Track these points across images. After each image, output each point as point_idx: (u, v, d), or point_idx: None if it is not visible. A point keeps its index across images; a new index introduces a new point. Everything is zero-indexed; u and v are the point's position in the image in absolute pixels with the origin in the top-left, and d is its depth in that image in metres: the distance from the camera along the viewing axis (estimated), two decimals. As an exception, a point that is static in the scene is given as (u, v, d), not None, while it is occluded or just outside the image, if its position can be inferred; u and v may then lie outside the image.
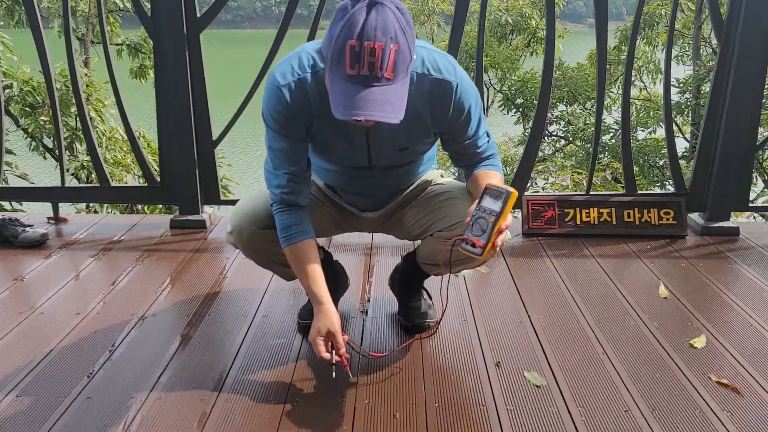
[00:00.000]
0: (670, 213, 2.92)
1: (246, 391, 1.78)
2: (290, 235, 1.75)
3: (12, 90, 7.05)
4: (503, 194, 1.58)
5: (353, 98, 1.40)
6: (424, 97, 1.67)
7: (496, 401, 1.74)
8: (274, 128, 1.67)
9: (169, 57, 2.78)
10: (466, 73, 1.74)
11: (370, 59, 1.37)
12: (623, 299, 2.32)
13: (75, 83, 2.91)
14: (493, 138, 1.91)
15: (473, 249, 1.56)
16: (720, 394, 1.77)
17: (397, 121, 1.43)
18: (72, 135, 7.13)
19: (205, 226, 3.00)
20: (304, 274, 1.77)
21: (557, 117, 9.54)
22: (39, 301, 2.31)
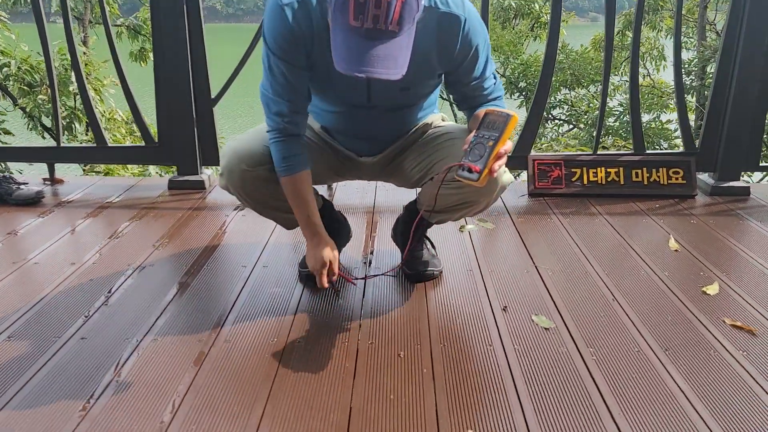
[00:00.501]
0: (679, 173, 2.85)
1: (245, 333, 1.72)
2: (289, 165, 1.70)
3: (10, 68, 6.97)
4: (503, 117, 1.51)
5: (355, 52, 1.34)
6: (430, 33, 1.60)
7: (503, 341, 1.68)
8: (274, 50, 1.60)
9: (167, 10, 2.71)
10: (475, 9, 1.67)
11: (375, 11, 1.31)
12: (632, 252, 2.26)
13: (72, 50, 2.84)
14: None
15: (470, 174, 1.47)
16: (735, 336, 1.71)
17: (399, 77, 1.37)
18: (71, 114, 7.06)
19: (204, 187, 2.94)
20: (302, 205, 1.74)
21: (560, 101, 9.46)
22: (33, 252, 2.25)
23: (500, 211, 2.68)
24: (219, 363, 1.58)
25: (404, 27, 1.36)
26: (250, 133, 1.83)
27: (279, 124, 1.68)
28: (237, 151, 1.77)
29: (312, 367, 1.57)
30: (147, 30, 8.85)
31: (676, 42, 2.89)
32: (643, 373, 1.54)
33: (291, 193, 1.73)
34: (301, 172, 1.71)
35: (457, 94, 1.82)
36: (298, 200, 1.74)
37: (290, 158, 1.70)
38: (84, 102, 2.89)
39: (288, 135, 1.70)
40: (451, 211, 1.86)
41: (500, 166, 1.50)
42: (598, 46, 10.12)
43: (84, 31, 8.55)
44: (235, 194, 1.84)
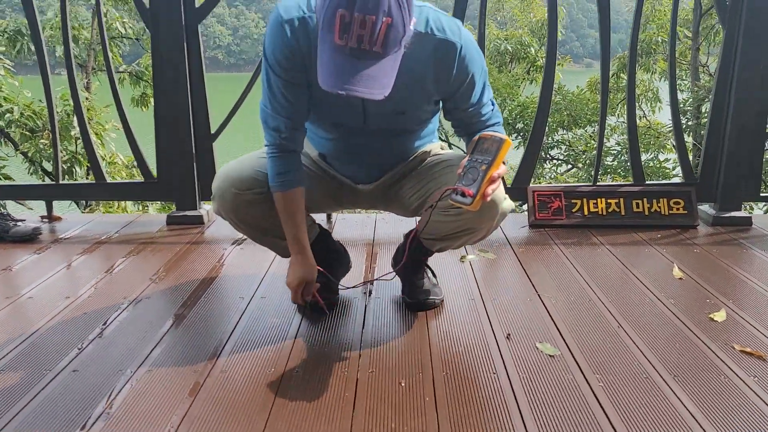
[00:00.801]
0: (680, 203, 2.84)
1: (242, 363, 1.68)
2: (283, 181, 1.70)
3: (13, 114, 7.04)
4: (496, 142, 1.51)
5: (339, 70, 1.34)
6: (426, 59, 1.60)
7: (507, 369, 1.63)
8: (273, 66, 1.61)
9: (167, 48, 2.73)
10: (472, 37, 1.68)
11: (359, 31, 1.30)
12: (636, 280, 2.23)
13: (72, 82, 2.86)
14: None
15: (463, 199, 1.47)
16: (745, 362, 1.67)
17: (381, 97, 1.37)
18: (72, 159, 7.10)
19: (202, 222, 2.92)
20: (291, 222, 1.74)
21: (558, 141, 9.52)
22: (27, 288, 2.22)
23: (501, 242, 2.65)
24: (214, 393, 1.53)
25: (389, 49, 1.35)
26: (243, 158, 1.83)
27: (276, 139, 1.68)
28: (228, 175, 1.77)
29: (310, 397, 1.52)
30: (148, 76, 8.99)
31: (671, 58, 2.91)
32: (652, 399, 1.49)
33: (282, 210, 1.73)
34: (293, 189, 1.72)
35: (454, 120, 1.81)
36: (288, 217, 1.74)
37: (284, 174, 1.70)
38: (83, 135, 2.89)
39: (284, 151, 1.70)
40: (451, 239, 1.83)
41: (493, 190, 1.49)
42: (593, 87, 10.25)
43: (87, 77, 8.67)
44: (227, 219, 1.83)
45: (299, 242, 1.77)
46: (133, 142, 2.91)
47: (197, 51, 2.76)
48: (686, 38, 11.00)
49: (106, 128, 7.29)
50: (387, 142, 1.83)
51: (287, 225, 1.76)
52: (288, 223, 1.75)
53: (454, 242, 1.86)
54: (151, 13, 2.72)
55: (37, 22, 2.77)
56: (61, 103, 7.02)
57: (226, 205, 1.78)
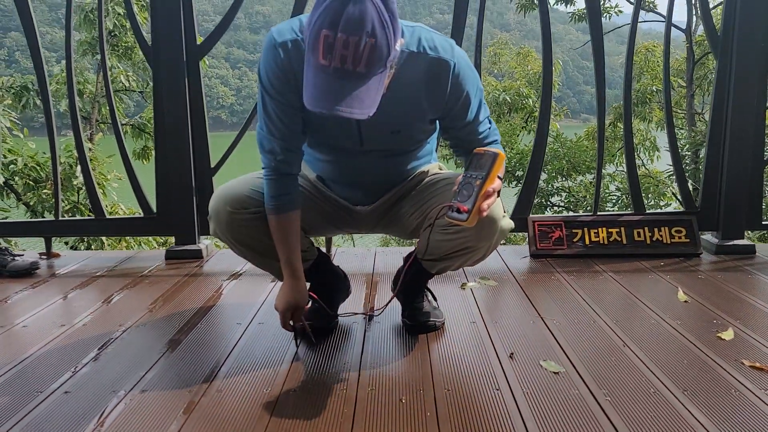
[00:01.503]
0: (681, 231, 2.82)
1: (239, 382, 1.64)
2: (277, 204, 1.69)
3: (17, 165, 7.11)
4: (490, 156, 1.50)
5: (322, 90, 1.35)
6: (419, 77, 1.61)
7: (511, 385, 1.59)
8: (268, 88, 1.61)
9: (168, 83, 2.77)
10: (466, 55, 1.69)
11: (342, 52, 1.31)
12: (641, 303, 2.19)
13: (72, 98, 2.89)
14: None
15: (458, 215, 1.45)
16: (755, 376, 1.62)
17: (365, 117, 1.37)
18: (73, 209, 7.12)
19: (201, 256, 2.90)
20: (285, 245, 1.73)
21: (558, 188, 9.56)
22: (22, 317, 2.18)
23: (502, 270, 2.62)
24: (209, 411, 1.49)
25: (373, 69, 1.35)
26: (240, 177, 1.83)
27: (271, 162, 1.68)
28: (223, 194, 1.77)
29: (307, 414, 1.47)
30: (150, 128, 9.11)
31: (665, 79, 2.94)
32: (662, 412, 1.44)
33: (276, 232, 1.72)
34: (288, 212, 1.71)
35: (451, 139, 1.81)
36: (283, 240, 1.72)
37: (279, 197, 1.69)
38: (83, 170, 2.89)
39: (280, 174, 1.69)
40: (451, 259, 1.81)
41: (489, 205, 1.47)
42: (591, 136, 10.36)
43: (91, 128, 8.79)
44: (223, 239, 1.81)
45: (292, 266, 1.76)
46: (132, 175, 2.92)
47: (198, 86, 2.80)
48: (680, 87, 11.18)
49: (108, 179, 7.34)
50: (384, 163, 1.82)
51: (281, 248, 1.74)
52: (282, 245, 1.74)
53: (453, 262, 1.83)
54: (152, 49, 2.77)
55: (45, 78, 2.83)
56: (64, 153, 7.10)
57: (221, 225, 1.77)
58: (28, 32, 2.79)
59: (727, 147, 2.80)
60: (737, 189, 2.83)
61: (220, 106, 79.95)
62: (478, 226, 1.65)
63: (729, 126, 2.79)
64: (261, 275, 2.61)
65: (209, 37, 2.81)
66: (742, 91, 2.76)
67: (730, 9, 2.75)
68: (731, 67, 2.76)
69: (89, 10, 8.88)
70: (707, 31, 2.83)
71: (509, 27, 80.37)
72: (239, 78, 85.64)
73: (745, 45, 2.73)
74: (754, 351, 1.78)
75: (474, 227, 1.64)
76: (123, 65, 9.25)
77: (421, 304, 2.00)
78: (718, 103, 2.81)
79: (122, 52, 9.27)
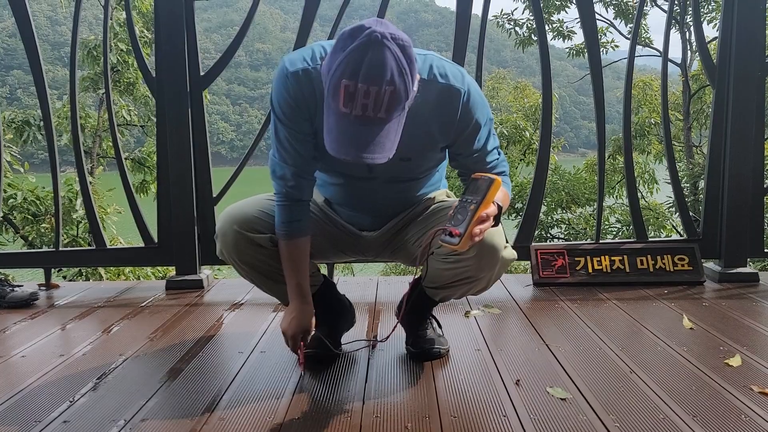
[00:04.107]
0: (684, 259, 2.81)
1: (241, 411, 1.61)
2: (288, 231, 1.71)
3: (16, 199, 7.11)
4: (486, 181, 1.51)
5: (344, 137, 1.38)
6: (430, 105, 1.63)
7: (518, 412, 1.56)
8: (279, 116, 1.63)
9: (171, 114, 2.79)
10: (476, 84, 1.71)
11: (363, 101, 1.34)
12: (646, 330, 2.17)
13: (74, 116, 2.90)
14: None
15: (450, 239, 1.46)
16: (764, 402, 1.60)
17: (385, 160, 1.40)
18: (72, 242, 7.11)
19: (202, 286, 2.88)
20: (294, 270, 1.74)
21: (557, 220, 9.57)
22: (20, 348, 2.16)
23: (505, 298, 2.60)
24: (211, 439, 1.46)
25: (393, 114, 1.38)
26: (248, 199, 1.83)
27: (283, 188, 1.70)
28: (231, 214, 1.77)
29: (312, 441, 1.44)
30: (150, 162, 9.16)
31: (663, 105, 2.96)
32: (672, 437, 1.42)
33: (286, 258, 1.72)
34: (298, 238, 1.72)
35: (459, 167, 1.81)
36: (292, 265, 1.73)
37: (290, 223, 1.70)
38: (84, 200, 2.89)
39: (291, 200, 1.70)
40: (452, 287, 1.81)
41: (482, 231, 1.47)
42: (591, 168, 10.41)
43: (92, 162, 8.83)
44: (229, 260, 1.81)
45: (301, 290, 1.76)
46: (133, 203, 2.91)
47: (201, 116, 2.81)
48: (677, 120, 11.28)
49: (108, 212, 7.34)
50: (392, 189, 1.83)
51: (289, 273, 1.75)
52: (290, 270, 1.75)
53: (455, 291, 1.83)
54: (156, 80, 2.79)
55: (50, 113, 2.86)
56: (65, 187, 7.11)
57: (228, 245, 1.76)
58: (35, 69, 2.82)
59: (727, 175, 2.81)
60: (738, 217, 2.83)
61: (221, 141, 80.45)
62: (478, 256, 1.66)
63: (728, 155, 2.80)
64: (262, 305, 2.60)
65: (213, 68, 2.85)
66: (740, 121, 2.78)
67: (725, 40, 2.78)
68: (728, 98, 2.79)
69: (92, 47, 9.00)
70: (704, 62, 2.86)
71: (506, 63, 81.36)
72: (239, 114, 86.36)
73: (741, 75, 2.76)
74: (762, 377, 1.76)
75: (475, 257, 1.65)
76: (124, 100, 9.34)
77: (425, 332, 1.98)
78: (716, 132, 2.83)
79: (124, 87, 9.37)
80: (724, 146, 2.82)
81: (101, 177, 8.08)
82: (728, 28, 2.77)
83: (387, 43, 1.33)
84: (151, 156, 9.13)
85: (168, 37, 2.76)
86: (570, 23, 11.82)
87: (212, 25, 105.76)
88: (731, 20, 2.76)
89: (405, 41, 1.37)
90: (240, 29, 2.85)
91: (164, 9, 2.75)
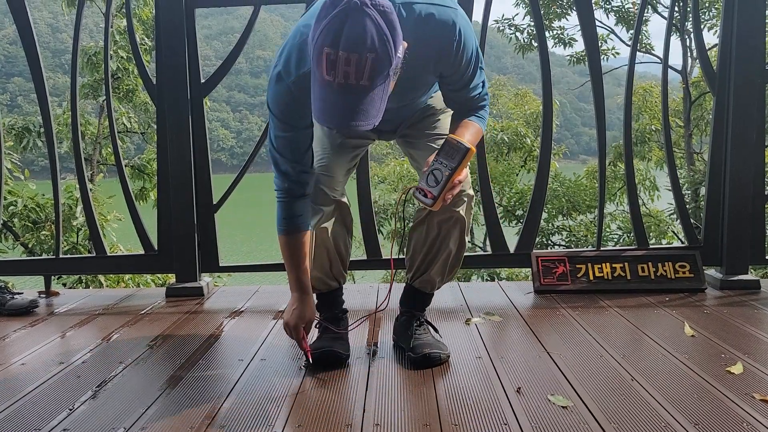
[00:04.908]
0: (686, 266, 2.80)
1: (241, 419, 1.60)
2: (288, 227, 1.78)
3: (17, 207, 7.11)
4: (461, 150, 1.62)
5: (329, 106, 1.39)
6: (424, 55, 1.61)
7: (519, 421, 1.55)
8: (277, 114, 1.67)
9: (172, 121, 2.79)
10: (466, 19, 1.66)
11: (345, 68, 1.34)
12: (647, 338, 2.16)
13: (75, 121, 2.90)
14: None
15: (425, 199, 1.62)
16: (766, 409, 1.59)
17: (371, 126, 1.42)
18: (72, 250, 7.10)
19: (202, 293, 2.87)
20: (296, 264, 1.81)
21: (558, 227, 9.56)
22: (19, 355, 2.15)
23: (506, 306, 2.60)
24: (211, 448, 1.45)
25: (376, 81, 1.37)
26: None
27: (284, 182, 1.75)
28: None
29: (312, 450, 1.44)
30: (150, 170, 9.16)
31: (665, 128, 2.95)
32: (674, 445, 1.41)
33: (286, 253, 1.80)
34: (297, 234, 1.79)
35: (444, 94, 1.85)
36: (292, 260, 1.81)
37: (291, 219, 1.77)
38: (85, 208, 2.89)
39: (292, 196, 1.76)
40: (434, 260, 1.96)
41: (453, 195, 1.64)
42: (591, 176, 10.40)
43: (92, 169, 8.83)
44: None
45: (301, 283, 1.84)
46: (133, 209, 2.91)
47: (201, 123, 2.81)
48: (678, 127, 11.28)
49: (108, 219, 7.33)
50: (399, 111, 1.88)
51: (290, 267, 1.82)
52: (292, 266, 1.82)
53: (437, 263, 1.96)
54: (157, 87, 2.80)
55: (51, 120, 2.87)
56: (65, 194, 7.10)
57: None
58: (35, 76, 2.82)
59: (728, 182, 2.81)
60: (739, 224, 2.82)
61: (221, 148, 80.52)
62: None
63: (729, 161, 2.79)
64: (262, 312, 2.59)
65: (214, 75, 2.85)
66: (741, 127, 2.77)
67: (725, 46, 2.79)
68: (729, 104, 2.79)
69: (92, 53, 9.01)
70: (704, 68, 2.87)
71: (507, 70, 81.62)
72: (240, 121, 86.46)
73: (741, 82, 2.76)
74: (764, 384, 1.75)
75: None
76: (124, 107, 9.35)
77: (423, 336, 2.00)
78: (717, 139, 2.83)
79: (123, 94, 9.37)
80: (724, 153, 2.82)
81: (101, 184, 8.09)
82: (728, 34, 2.78)
83: (367, 9, 1.33)
84: (151, 163, 9.13)
85: (168, 44, 2.76)
86: (571, 30, 11.84)
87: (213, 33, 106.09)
88: (731, 27, 2.76)
89: (386, 7, 1.36)
90: (240, 36, 2.86)
91: (165, 16, 2.75)
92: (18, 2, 2.75)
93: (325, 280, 2.02)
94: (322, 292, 2.05)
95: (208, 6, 2.85)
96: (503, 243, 2.91)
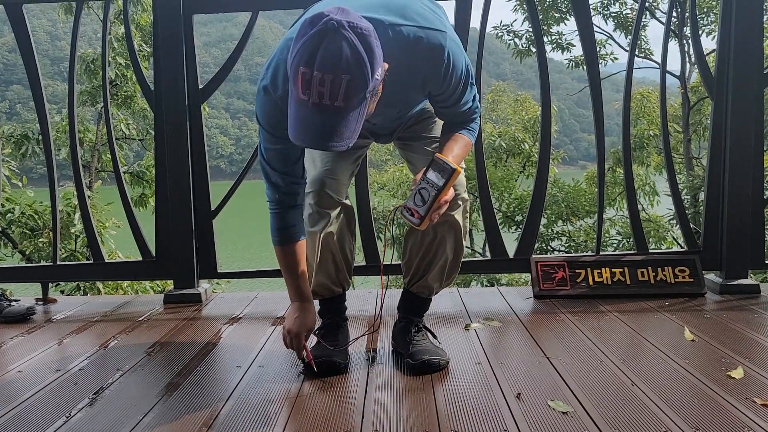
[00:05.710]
0: (685, 271, 2.80)
1: (240, 425, 1.59)
2: (281, 237, 1.78)
3: (14, 214, 7.11)
4: (447, 171, 1.62)
5: (303, 124, 1.38)
6: (415, 64, 1.60)
7: (519, 426, 1.54)
8: (266, 127, 1.67)
9: (170, 128, 2.78)
10: (456, 40, 1.66)
11: (319, 88, 1.33)
12: (647, 343, 2.16)
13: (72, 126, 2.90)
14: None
15: (412, 218, 1.64)
16: (767, 414, 1.58)
17: (345, 148, 1.40)
18: (70, 257, 7.09)
19: (200, 300, 2.86)
20: (292, 275, 1.82)
21: (558, 233, 9.56)
22: (16, 363, 2.14)
23: (506, 311, 2.59)
24: (209, 455, 1.44)
25: (351, 103, 1.36)
26: None
27: (275, 194, 1.74)
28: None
29: (311, 457, 1.43)
30: (148, 176, 9.15)
31: (664, 133, 2.95)
32: (675, 451, 1.40)
33: (282, 263, 1.81)
34: (294, 243, 1.79)
35: (435, 110, 1.85)
36: (289, 270, 1.82)
37: (283, 230, 1.77)
38: (83, 215, 2.88)
39: (283, 207, 1.76)
40: (431, 265, 1.96)
41: (439, 215, 1.63)
42: (591, 181, 10.40)
43: (90, 176, 8.83)
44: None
45: (301, 291, 1.84)
46: (131, 216, 2.90)
47: (199, 129, 2.81)
48: (677, 132, 11.29)
49: (107, 226, 7.33)
50: (392, 122, 1.91)
51: (288, 277, 1.82)
52: (290, 276, 1.82)
53: (434, 267, 1.96)
54: (155, 94, 2.79)
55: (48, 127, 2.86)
56: (63, 201, 7.10)
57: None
58: (34, 84, 2.82)
59: (727, 187, 2.80)
60: (739, 228, 2.82)
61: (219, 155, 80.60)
62: None
63: (728, 166, 2.79)
64: (261, 319, 2.58)
65: (212, 81, 2.84)
66: (740, 131, 2.77)
67: (723, 51, 2.79)
68: (727, 109, 2.79)
69: (90, 60, 9.02)
70: (702, 73, 2.87)
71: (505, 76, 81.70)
72: (239, 128, 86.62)
73: (739, 86, 2.76)
74: (765, 389, 1.74)
75: None
76: (122, 114, 9.35)
77: (421, 342, 1.99)
78: (715, 143, 2.83)
79: (121, 101, 9.38)
80: (723, 158, 2.81)
81: (100, 191, 8.09)
82: (726, 39, 2.78)
83: (344, 31, 1.32)
84: (149, 169, 9.13)
85: (167, 51, 2.76)
86: (569, 35, 11.87)
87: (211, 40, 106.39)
88: (729, 32, 2.76)
89: (364, 30, 1.35)
90: (238, 43, 2.86)
91: (163, 23, 2.75)
92: (16, 10, 2.76)
93: (330, 286, 2.01)
94: (325, 298, 2.04)
95: (206, 12, 2.85)
96: (503, 248, 2.90)
